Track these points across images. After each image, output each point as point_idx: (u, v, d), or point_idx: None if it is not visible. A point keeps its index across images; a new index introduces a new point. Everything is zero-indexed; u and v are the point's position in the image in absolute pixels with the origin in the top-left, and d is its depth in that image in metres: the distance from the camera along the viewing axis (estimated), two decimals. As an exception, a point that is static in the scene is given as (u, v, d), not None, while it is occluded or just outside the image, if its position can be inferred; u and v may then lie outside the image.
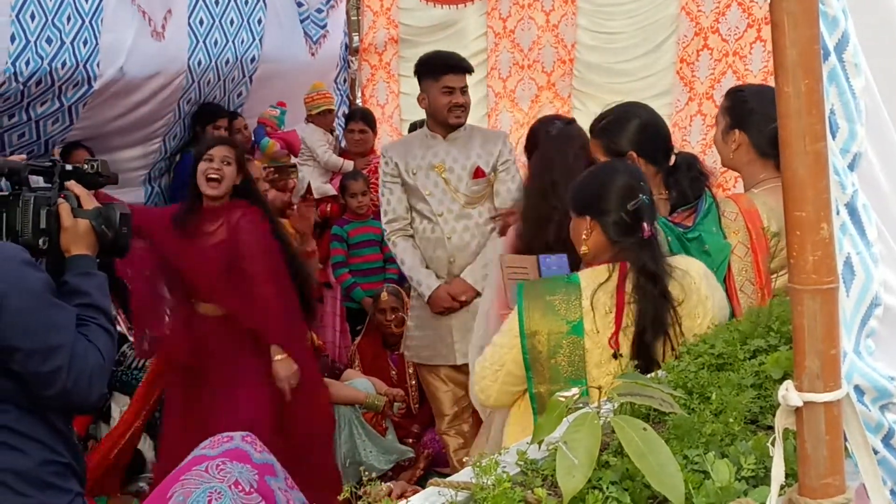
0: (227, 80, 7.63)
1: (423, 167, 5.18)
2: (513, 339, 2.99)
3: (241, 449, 2.14)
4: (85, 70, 6.23)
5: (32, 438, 2.49)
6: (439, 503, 1.78)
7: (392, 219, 5.28)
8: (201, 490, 1.98)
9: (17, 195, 2.67)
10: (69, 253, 2.66)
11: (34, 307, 2.39)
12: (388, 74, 9.01)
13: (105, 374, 2.52)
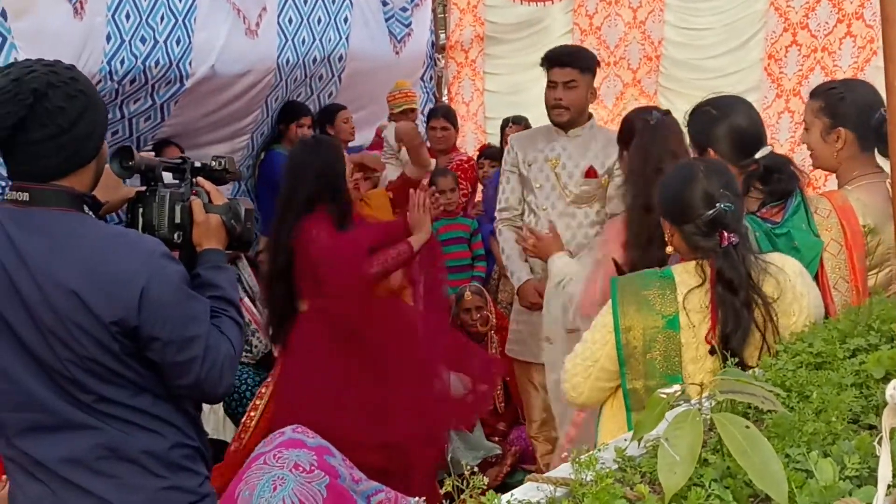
0: (314, 77, 7.70)
1: (539, 160, 5.10)
2: (606, 335, 2.98)
3: (293, 438, 2.17)
4: (177, 68, 6.33)
5: (167, 422, 2.56)
6: (538, 498, 1.78)
7: (503, 207, 5.24)
8: (264, 481, 2.01)
9: (154, 191, 2.75)
10: (201, 247, 2.73)
11: (173, 298, 2.45)
12: (473, 72, 9.04)
13: (235, 365, 2.59)
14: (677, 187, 2.98)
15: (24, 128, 2.34)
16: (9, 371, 2.45)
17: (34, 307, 2.39)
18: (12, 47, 5.35)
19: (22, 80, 2.32)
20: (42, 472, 2.51)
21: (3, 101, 2.30)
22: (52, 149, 2.39)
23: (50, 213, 2.42)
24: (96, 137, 2.47)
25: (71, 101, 2.37)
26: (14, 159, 2.42)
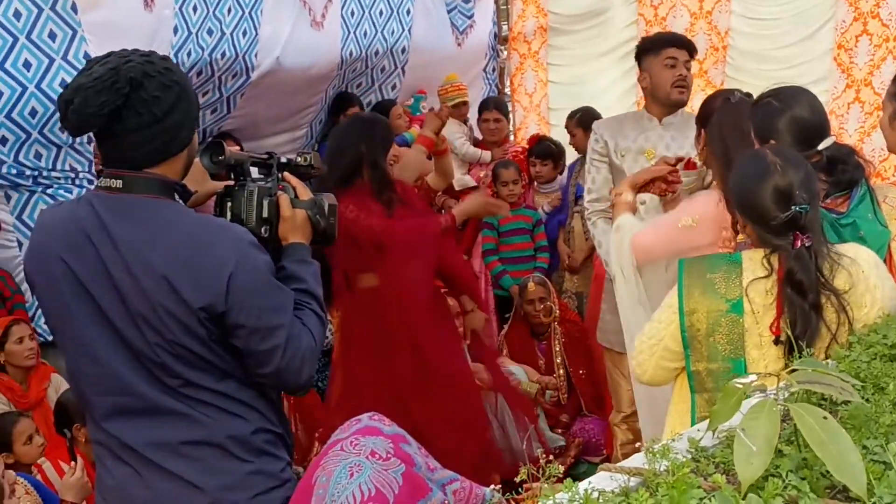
0: (375, 69, 7.73)
1: (633, 150, 4.94)
2: (671, 316, 2.97)
3: (370, 426, 2.18)
4: (243, 60, 6.39)
5: (250, 407, 2.59)
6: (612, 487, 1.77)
7: (595, 198, 5.06)
8: (341, 467, 2.02)
9: (242, 185, 2.78)
10: (286, 241, 2.76)
11: (259, 287, 2.48)
12: (536, 63, 9.01)
13: (315, 357, 2.60)
14: (750, 183, 2.93)
15: (119, 116, 2.38)
16: (100, 355, 2.49)
17: (126, 292, 2.44)
18: (82, 40, 5.45)
19: (119, 69, 2.36)
20: (129, 455, 2.54)
21: (101, 90, 2.34)
22: (146, 137, 2.44)
23: (142, 199, 2.46)
24: (188, 127, 2.52)
25: (165, 91, 2.42)
26: (108, 147, 2.48)
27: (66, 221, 2.52)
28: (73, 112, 2.37)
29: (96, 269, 2.46)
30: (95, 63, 2.41)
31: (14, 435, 4.35)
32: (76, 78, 2.40)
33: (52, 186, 5.57)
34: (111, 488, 2.60)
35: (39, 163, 5.50)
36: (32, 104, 5.34)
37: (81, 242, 2.47)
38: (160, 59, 2.47)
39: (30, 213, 5.56)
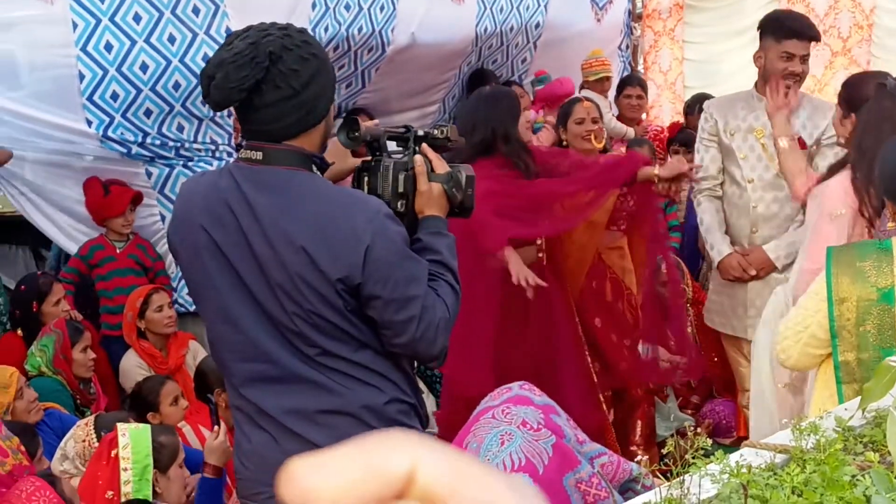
0: (510, 45, 7.71)
1: (743, 129, 4.96)
2: (819, 303, 2.90)
3: (521, 395, 2.17)
4: (379, 36, 6.44)
5: (385, 377, 2.61)
6: (758, 463, 1.75)
7: (702, 177, 5.09)
8: (492, 434, 2.03)
9: (378, 161, 2.81)
10: (422, 214, 2.76)
11: (395, 258, 2.49)
12: (671, 41, 8.89)
13: (449, 328, 2.60)
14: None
15: (259, 90, 2.41)
16: (241, 322, 2.55)
17: (265, 262, 2.48)
18: (224, 15, 5.57)
19: (258, 43, 2.39)
20: (266, 421, 2.60)
21: (242, 65, 2.36)
22: (285, 110, 2.46)
23: (281, 171, 2.50)
24: (326, 99, 2.54)
25: (304, 64, 2.44)
26: (248, 120, 2.50)
27: (207, 191, 2.57)
28: (215, 87, 2.39)
29: (237, 239, 2.50)
30: (235, 38, 2.44)
31: (162, 395, 4.49)
32: (217, 53, 2.43)
33: (192, 159, 5.71)
34: (249, 453, 2.66)
35: (181, 135, 5.65)
36: (176, 77, 5.48)
37: (222, 212, 2.51)
38: (297, 32, 2.50)
39: (171, 187, 5.71)
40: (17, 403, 4.20)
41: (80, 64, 5.36)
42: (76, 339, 4.89)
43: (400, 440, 0.40)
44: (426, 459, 0.39)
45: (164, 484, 3.53)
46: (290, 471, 0.39)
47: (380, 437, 0.40)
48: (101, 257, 5.67)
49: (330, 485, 0.38)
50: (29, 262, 7.19)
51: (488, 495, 0.39)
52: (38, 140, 5.54)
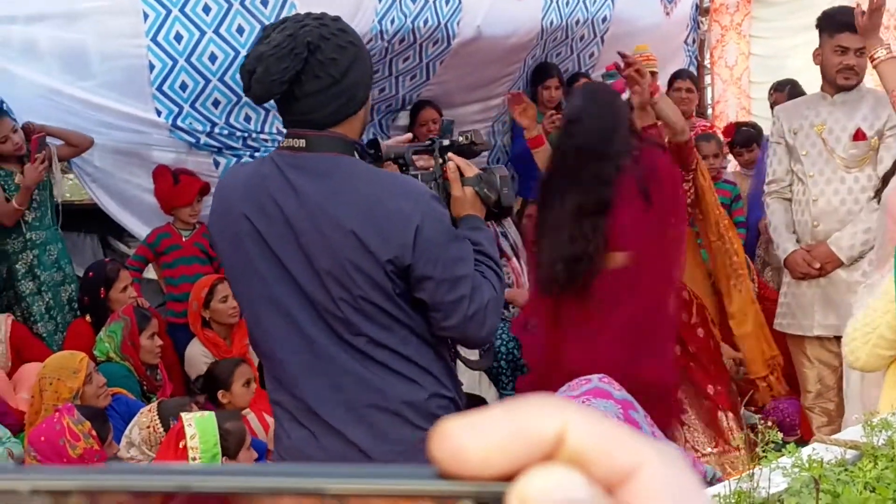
0: (575, 39, 7.68)
1: (805, 127, 4.96)
2: (888, 304, 2.87)
3: (601, 388, 2.17)
4: (445, 28, 6.45)
5: (426, 371, 2.60)
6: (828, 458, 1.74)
7: (771, 180, 5.13)
8: None
9: None
10: (459, 217, 2.76)
11: (443, 238, 2.50)
12: (738, 35, 8.81)
13: (498, 310, 2.61)
14: None
15: (299, 81, 2.42)
16: (284, 312, 2.54)
17: (311, 248, 2.48)
18: (292, 6, 5.61)
19: (296, 34, 2.40)
20: (307, 418, 2.59)
21: (281, 57, 2.38)
22: (325, 99, 2.47)
23: (326, 156, 2.51)
24: (364, 86, 2.54)
25: (342, 53, 2.44)
26: (289, 110, 2.52)
27: (249, 180, 2.58)
28: (256, 81, 2.40)
29: (281, 226, 2.50)
30: (273, 30, 2.45)
31: (236, 375, 4.56)
32: (256, 47, 2.45)
33: (259, 149, 5.77)
34: (288, 448, 2.66)
35: (249, 125, 5.71)
36: (244, 68, 5.52)
37: (265, 200, 2.52)
38: (333, 20, 2.50)
39: (238, 176, 5.76)
40: (86, 388, 4.28)
41: (150, 54, 5.44)
42: (144, 325, 4.96)
43: (551, 403, 0.41)
44: (576, 422, 0.40)
45: None
46: (442, 430, 0.40)
47: (531, 399, 0.41)
48: (168, 245, 5.75)
49: (482, 444, 0.39)
50: (97, 250, 7.29)
51: (636, 458, 0.40)
52: (109, 129, 5.64)
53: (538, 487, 0.39)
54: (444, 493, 0.39)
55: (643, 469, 0.40)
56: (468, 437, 0.40)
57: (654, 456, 0.40)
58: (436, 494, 0.39)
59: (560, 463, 0.40)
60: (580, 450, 0.40)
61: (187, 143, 5.63)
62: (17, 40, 5.50)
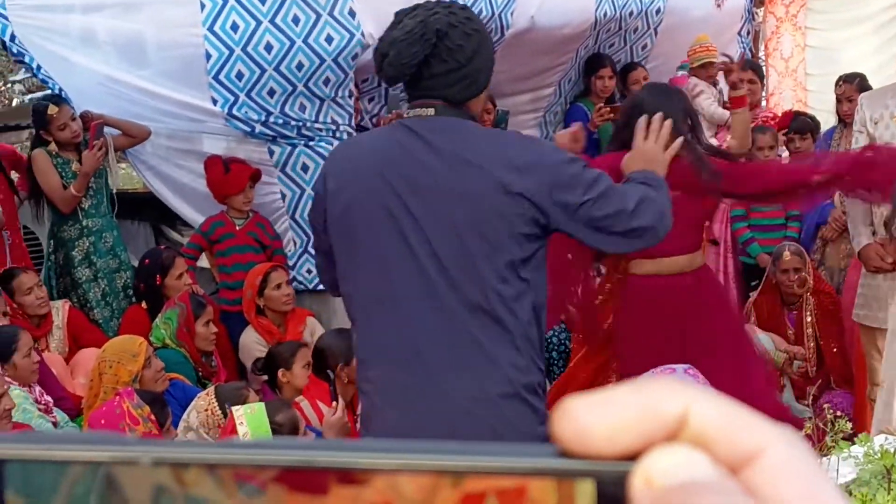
0: (628, 30, 7.64)
1: (885, 117, 4.88)
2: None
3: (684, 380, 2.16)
4: (499, 19, 6.44)
5: (533, 347, 2.65)
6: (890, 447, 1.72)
7: None
8: None
9: None
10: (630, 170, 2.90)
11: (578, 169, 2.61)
12: (794, 27, 8.73)
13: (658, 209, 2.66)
14: None
15: (427, 64, 2.59)
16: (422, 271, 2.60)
17: (452, 202, 2.57)
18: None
19: (427, 21, 2.56)
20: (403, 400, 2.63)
21: (412, 42, 2.55)
22: (449, 81, 2.62)
23: (455, 119, 2.65)
24: (487, 71, 2.70)
25: (468, 39, 2.60)
26: (416, 87, 2.67)
27: (376, 144, 2.76)
28: (388, 64, 2.59)
29: (417, 184, 2.60)
30: (404, 16, 2.62)
31: (297, 356, 4.60)
32: (389, 32, 2.63)
33: (313, 139, 5.79)
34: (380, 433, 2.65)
35: (303, 115, 5.73)
36: (299, 58, 5.55)
37: (402, 160, 2.64)
38: (461, 9, 2.67)
39: (292, 166, 5.81)
40: (144, 372, 4.32)
41: (206, 43, 5.48)
42: (199, 312, 5.00)
43: (673, 384, 0.40)
44: (699, 403, 0.39)
45: None
46: (566, 408, 0.40)
47: (653, 379, 0.41)
48: (222, 234, 5.79)
49: (606, 423, 0.39)
50: (149, 238, 7.37)
51: (760, 440, 0.39)
52: (165, 118, 5.69)
53: (663, 467, 0.38)
54: (565, 471, 0.39)
55: (767, 450, 0.39)
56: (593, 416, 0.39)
57: (777, 437, 0.40)
58: (557, 473, 0.39)
59: (684, 443, 0.39)
60: (704, 430, 0.39)
61: (243, 132, 5.67)
62: (75, 29, 5.57)
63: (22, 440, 0.39)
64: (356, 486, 0.38)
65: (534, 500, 0.38)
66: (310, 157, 5.76)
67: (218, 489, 0.38)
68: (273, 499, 0.38)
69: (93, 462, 0.38)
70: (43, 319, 5.25)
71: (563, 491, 0.39)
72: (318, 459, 0.38)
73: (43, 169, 5.59)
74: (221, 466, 0.38)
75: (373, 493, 0.38)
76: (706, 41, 7.69)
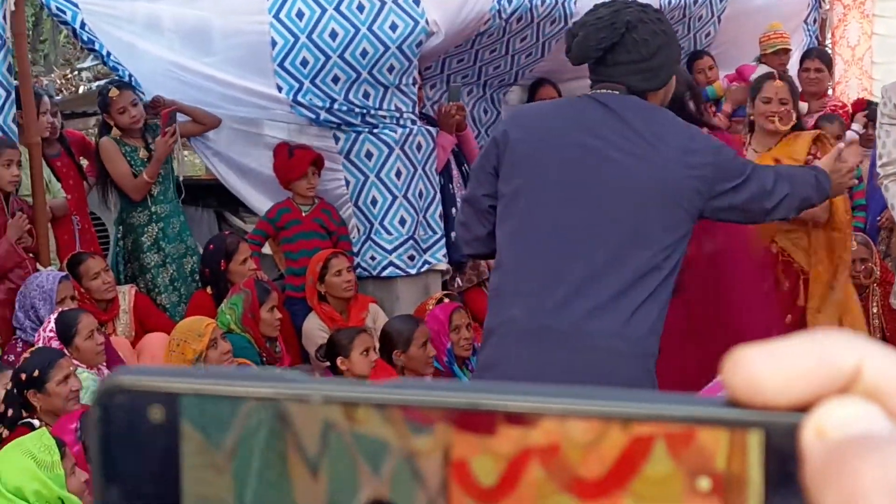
0: (692, 18, 7.57)
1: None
2: None
3: None
4: (562, 7, 6.41)
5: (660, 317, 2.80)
6: None
7: (885, 162, 4.94)
8: None
9: None
10: None
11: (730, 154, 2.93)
12: (861, 14, 8.61)
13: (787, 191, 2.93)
14: None
15: (613, 51, 2.77)
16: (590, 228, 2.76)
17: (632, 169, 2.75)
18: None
19: (620, 12, 2.75)
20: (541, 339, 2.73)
21: (601, 28, 2.74)
22: (631, 71, 2.81)
23: (640, 99, 2.84)
24: (668, 70, 2.88)
25: (654, 36, 2.79)
26: (598, 72, 2.86)
27: (567, 107, 3.00)
28: (576, 44, 2.80)
29: (602, 149, 2.78)
30: (601, 6, 2.83)
31: (355, 342, 4.62)
32: (583, 17, 2.86)
33: (377, 126, 5.80)
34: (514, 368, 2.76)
35: (367, 102, 5.74)
36: (364, 45, 5.57)
37: (590, 123, 2.81)
38: (653, 9, 2.91)
39: (356, 153, 5.83)
40: (209, 352, 4.37)
41: (272, 31, 5.52)
42: (264, 298, 5.04)
43: (848, 335, 0.40)
44: (874, 356, 0.39)
45: None
46: (738, 357, 0.39)
47: (827, 331, 0.40)
48: (288, 220, 5.83)
49: (779, 373, 0.38)
50: (212, 224, 7.44)
51: None
52: (231, 105, 5.74)
53: (837, 418, 0.38)
54: (735, 420, 0.38)
55: None
56: (766, 365, 0.39)
57: None
58: (727, 422, 0.38)
59: (855, 395, 0.39)
60: (877, 384, 0.39)
61: (308, 119, 5.70)
62: (141, 17, 5.63)
63: (198, 375, 0.40)
64: (524, 427, 0.38)
65: (702, 447, 0.38)
66: (374, 144, 5.78)
67: (386, 427, 0.39)
68: (441, 437, 0.39)
69: (266, 398, 0.39)
70: (110, 304, 5.32)
71: (734, 440, 0.38)
72: (484, 402, 0.39)
73: (112, 157, 5.66)
74: (390, 406, 0.39)
75: (540, 434, 0.38)
76: (779, 28, 7.61)
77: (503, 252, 2.88)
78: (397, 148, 5.80)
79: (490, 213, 2.93)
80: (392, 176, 5.81)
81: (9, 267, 5.10)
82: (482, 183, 2.95)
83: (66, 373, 3.96)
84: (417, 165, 5.88)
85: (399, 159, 5.81)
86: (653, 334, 2.75)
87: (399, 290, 5.94)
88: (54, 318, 4.52)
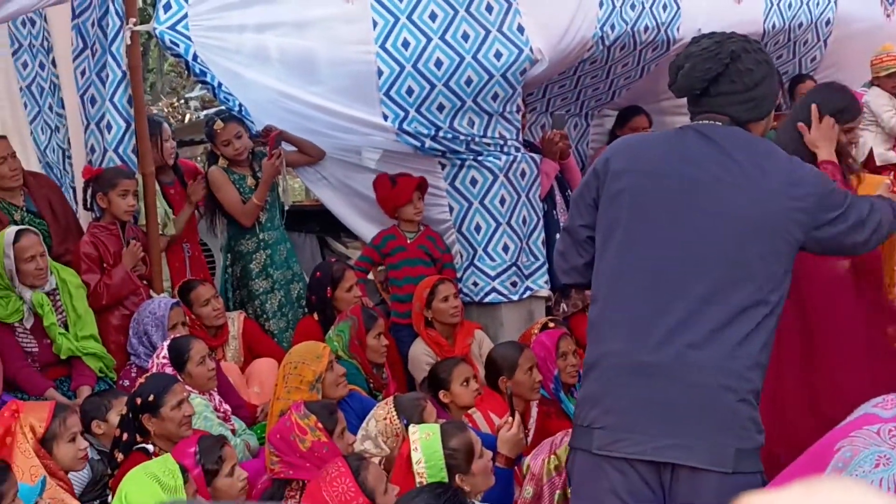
0: (798, 42, 7.49)
1: None
2: None
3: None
4: (665, 34, 6.39)
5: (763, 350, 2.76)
6: None
7: None
8: (870, 451, 1.96)
9: None
10: None
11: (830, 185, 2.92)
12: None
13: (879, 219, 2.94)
14: None
15: (717, 82, 2.81)
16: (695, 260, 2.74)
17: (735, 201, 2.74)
18: (516, 13, 5.71)
19: (723, 43, 2.82)
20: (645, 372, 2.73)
21: (707, 58, 2.79)
22: (734, 102, 2.83)
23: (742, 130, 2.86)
24: (770, 101, 2.91)
25: (758, 66, 2.82)
26: (700, 103, 2.88)
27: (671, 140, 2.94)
28: (682, 76, 2.84)
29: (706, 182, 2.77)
30: (703, 37, 2.90)
31: (454, 375, 4.63)
32: (687, 48, 2.90)
33: (482, 154, 5.83)
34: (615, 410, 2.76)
35: (472, 129, 5.77)
36: (468, 73, 5.61)
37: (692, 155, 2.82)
38: (754, 41, 2.94)
39: (461, 181, 5.86)
40: (326, 375, 4.42)
41: (378, 60, 5.58)
42: (370, 325, 5.07)
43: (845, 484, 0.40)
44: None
45: (469, 480, 3.53)
46: None
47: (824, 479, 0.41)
48: (393, 247, 5.89)
49: None
50: (315, 250, 7.52)
51: None
52: (337, 133, 5.82)
53: None
54: None
55: None
56: None
57: None
58: None
59: None
60: None
61: (413, 147, 5.75)
62: (248, 47, 5.72)
63: None
64: None
65: None
66: (479, 171, 5.81)
67: None
68: None
69: None
70: (219, 330, 5.42)
71: None
72: None
73: (221, 185, 5.79)
74: None
75: None
76: (892, 50, 7.52)
77: (602, 284, 2.88)
78: (501, 175, 5.83)
79: (588, 243, 2.94)
80: (496, 203, 5.83)
81: (124, 294, 5.23)
82: (581, 213, 2.97)
83: (180, 398, 4.05)
84: (521, 192, 5.90)
85: (503, 186, 5.83)
86: (757, 367, 2.71)
87: (503, 316, 5.94)
88: (167, 344, 4.62)
